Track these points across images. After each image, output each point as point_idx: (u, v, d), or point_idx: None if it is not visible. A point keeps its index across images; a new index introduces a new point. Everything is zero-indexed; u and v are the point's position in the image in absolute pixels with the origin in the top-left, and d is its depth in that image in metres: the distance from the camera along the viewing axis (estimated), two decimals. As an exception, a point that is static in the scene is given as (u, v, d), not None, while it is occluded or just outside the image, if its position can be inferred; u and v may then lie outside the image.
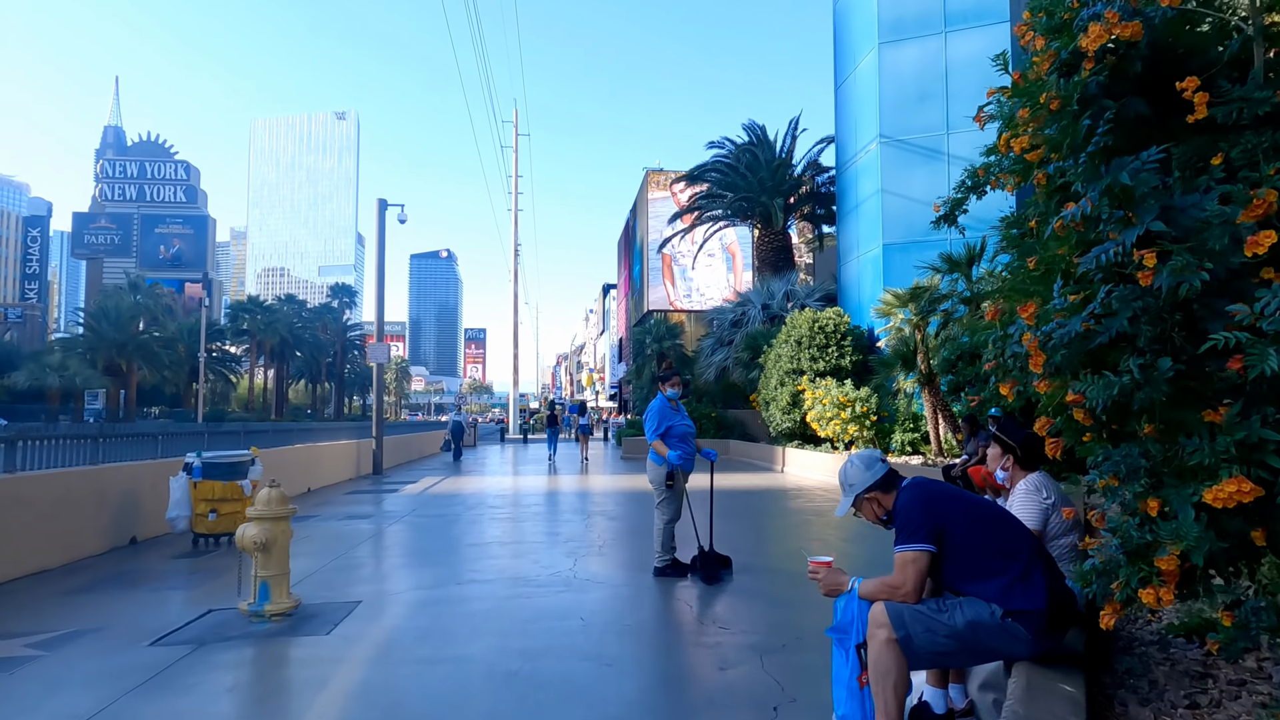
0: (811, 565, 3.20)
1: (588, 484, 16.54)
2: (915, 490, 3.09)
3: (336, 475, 17.00)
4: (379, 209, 19.39)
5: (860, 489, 3.21)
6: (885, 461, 3.25)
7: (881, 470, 3.21)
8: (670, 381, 6.71)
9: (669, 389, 6.68)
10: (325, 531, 9.68)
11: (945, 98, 19.01)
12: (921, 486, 3.11)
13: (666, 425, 6.54)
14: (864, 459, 3.24)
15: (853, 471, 3.24)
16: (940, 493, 3.08)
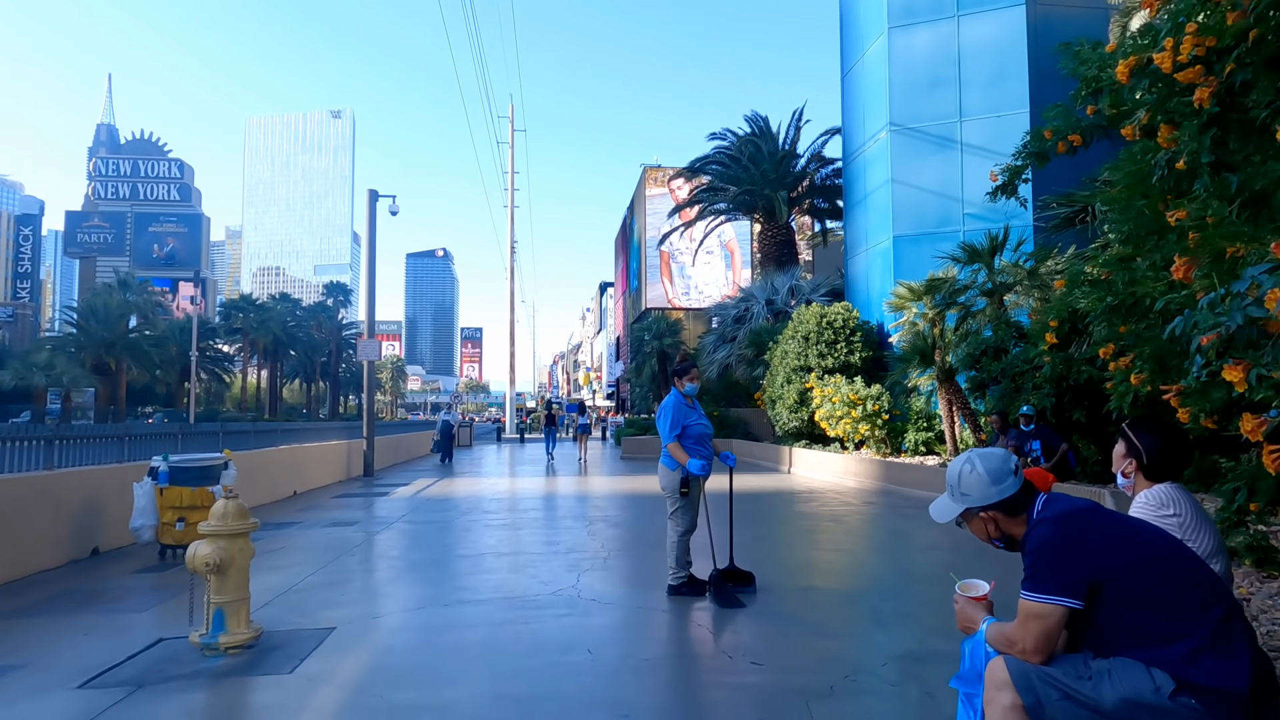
0: (957, 593, 2.57)
1: (587, 486, 15.82)
2: (1062, 526, 2.27)
3: (325, 477, 16.26)
4: (369, 200, 18.64)
5: (978, 505, 2.47)
6: (1018, 474, 2.46)
7: (1012, 487, 2.42)
8: (688, 375, 5.98)
9: (686, 383, 5.95)
10: (307, 541, 8.94)
11: (958, 84, 18.30)
12: (1072, 520, 2.28)
13: (682, 425, 5.81)
14: (991, 467, 2.44)
15: (972, 481, 2.47)
16: (1098, 528, 2.26)
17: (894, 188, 18.74)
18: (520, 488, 15.56)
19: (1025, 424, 9.62)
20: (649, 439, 25.58)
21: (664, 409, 5.86)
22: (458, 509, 11.94)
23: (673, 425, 5.78)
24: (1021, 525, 2.41)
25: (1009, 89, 17.83)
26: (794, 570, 7.12)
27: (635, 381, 29.55)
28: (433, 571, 7.14)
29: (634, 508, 12.03)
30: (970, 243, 13.01)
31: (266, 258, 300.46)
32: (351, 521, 10.59)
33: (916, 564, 7.32)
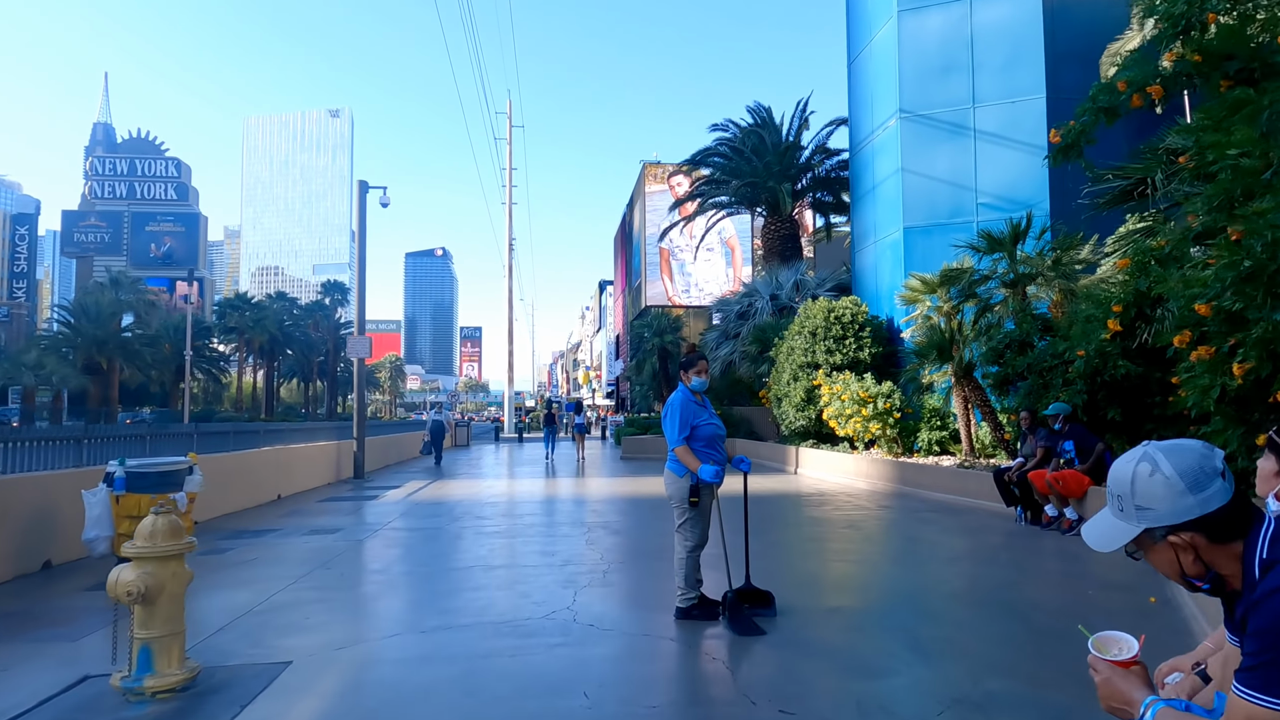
0: (1093, 655, 1.70)
1: (586, 489, 15.13)
2: None
3: (313, 480, 15.57)
4: (359, 191, 17.94)
5: (1168, 524, 1.56)
6: (1228, 478, 1.56)
7: (1220, 497, 1.53)
8: (695, 368, 5.28)
9: (694, 377, 5.25)
10: (282, 551, 8.25)
11: (971, 69, 17.59)
12: None
13: (691, 426, 5.11)
14: (1186, 466, 1.55)
15: (1155, 488, 1.57)
16: None
17: (904, 177, 18.02)
18: (516, 490, 14.86)
19: (1057, 423, 8.91)
20: (649, 439, 24.90)
21: (670, 407, 5.17)
22: (449, 514, 11.25)
23: (681, 426, 5.08)
24: (1233, 560, 1.54)
25: (1024, 73, 17.12)
26: (815, 587, 6.42)
27: (636, 380, 28.84)
28: (415, 588, 6.45)
29: (634, 513, 11.34)
30: (990, 230, 12.29)
31: (265, 257, 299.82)
32: (334, 528, 9.89)
33: (949, 579, 6.61)
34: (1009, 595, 5.84)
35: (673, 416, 5.11)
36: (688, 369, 5.27)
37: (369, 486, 15.78)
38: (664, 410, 5.24)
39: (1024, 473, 9.28)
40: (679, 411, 5.10)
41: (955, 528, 9.34)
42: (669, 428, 5.12)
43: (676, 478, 5.13)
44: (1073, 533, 8.53)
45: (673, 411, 5.12)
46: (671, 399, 5.21)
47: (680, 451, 5.05)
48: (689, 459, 5.01)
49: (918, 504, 11.60)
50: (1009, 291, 12.06)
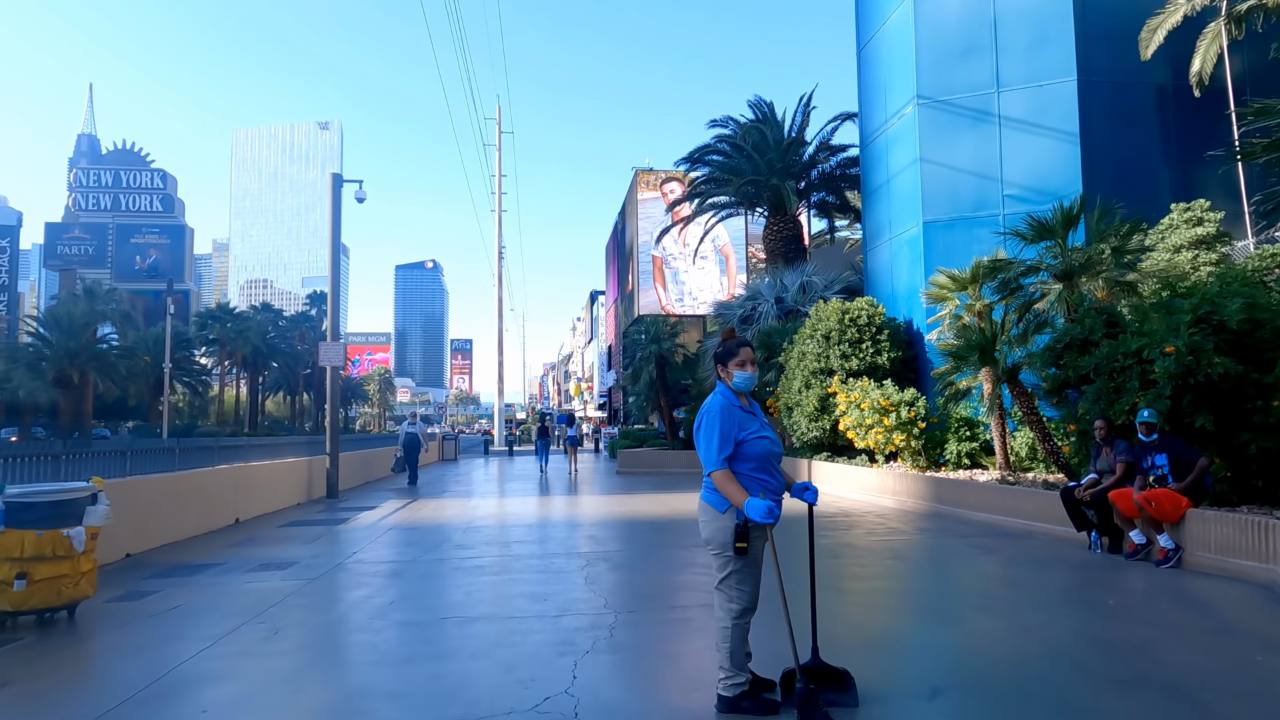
0: None
1: (580, 508, 13.65)
2: None
3: (280, 500, 14.07)
4: (333, 185, 16.50)
5: None
6: None
7: None
8: (737, 359, 3.82)
9: (736, 372, 3.81)
10: (213, 596, 6.75)
11: (994, 51, 16.30)
12: None
13: (735, 440, 3.68)
14: None
15: None
16: None
17: (923, 168, 16.69)
18: (504, 511, 13.38)
19: (1146, 433, 7.50)
20: (646, 452, 23.44)
21: (707, 414, 3.73)
22: (426, 542, 9.76)
23: (721, 441, 3.63)
24: None
25: (1052, 55, 15.84)
26: (892, 652, 4.95)
27: (632, 389, 27.35)
28: (362, 658, 4.96)
29: (637, 539, 9.88)
30: (1036, 216, 10.90)
31: (254, 270, 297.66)
32: (288, 562, 8.40)
33: (1063, 639, 5.14)
34: (1160, 668, 4.40)
35: (709, 428, 3.66)
36: (726, 360, 3.83)
37: (342, 507, 14.27)
38: (698, 418, 3.78)
39: (1101, 491, 7.87)
40: (717, 421, 3.65)
41: (1021, 558, 7.90)
42: (703, 444, 3.68)
43: (715, 514, 3.68)
44: (1169, 564, 7.11)
45: (709, 422, 3.68)
46: (707, 404, 3.75)
47: (720, 478, 3.60)
48: (732, 488, 3.56)
49: (961, 526, 10.17)
50: (1060, 285, 10.67)
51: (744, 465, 3.64)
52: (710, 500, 3.69)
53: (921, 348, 16.62)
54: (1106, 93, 15.81)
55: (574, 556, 8.46)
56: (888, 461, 15.24)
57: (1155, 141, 16.16)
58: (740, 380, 3.77)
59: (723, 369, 3.82)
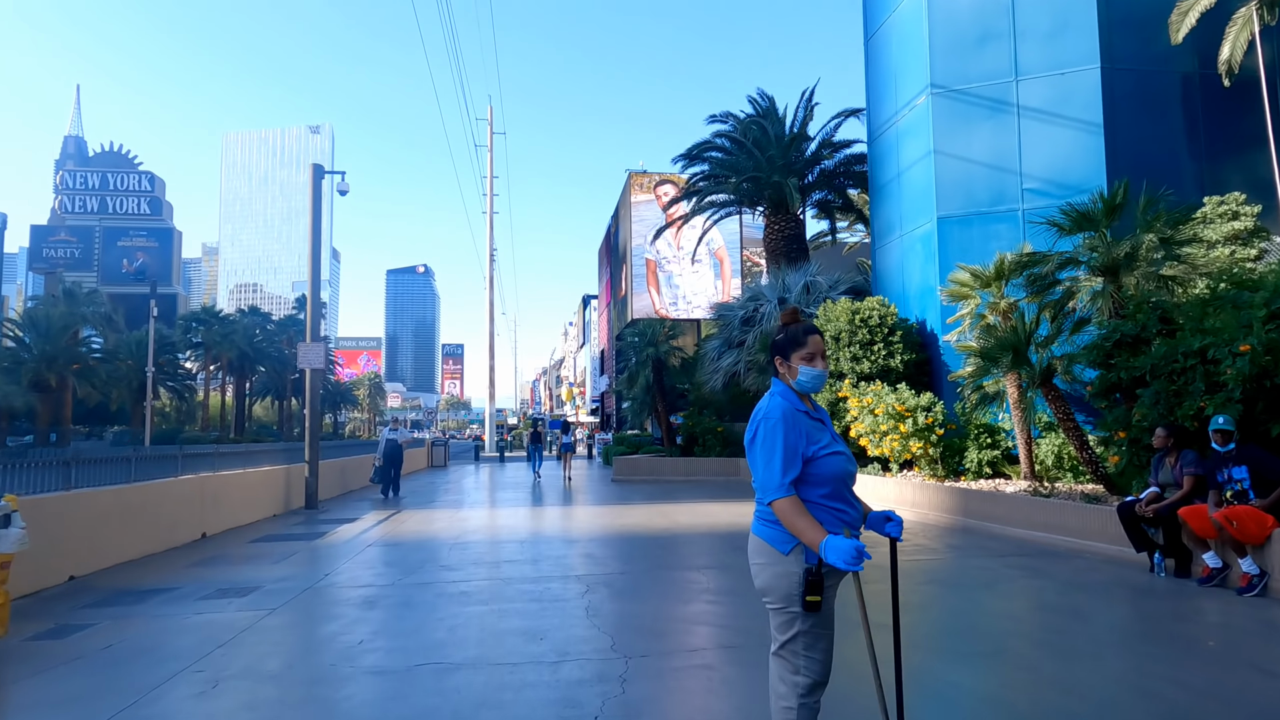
0: None
1: (577, 521, 12.72)
2: None
3: (253, 512, 13.10)
4: (314, 176, 15.56)
5: None
6: None
7: None
8: (803, 350, 2.86)
9: (802, 366, 2.86)
10: (154, 632, 5.80)
11: (1012, 37, 15.47)
12: None
13: (803, 457, 2.76)
14: None
15: None
16: None
17: (937, 160, 15.83)
18: (495, 524, 12.43)
19: (1221, 442, 6.61)
20: (643, 459, 22.50)
21: (765, 422, 2.79)
22: (408, 562, 8.81)
23: (786, 457, 2.70)
24: None
25: (1074, 41, 15.02)
26: (973, 714, 4.04)
27: (627, 393, 26.41)
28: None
29: (640, 558, 8.95)
30: (1075, 204, 10.03)
31: (244, 274, 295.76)
32: (249, 587, 7.44)
33: (1186, 699, 4.25)
34: None
35: (768, 441, 2.74)
36: (788, 351, 2.89)
37: (321, 519, 13.31)
38: (751, 425, 2.86)
39: (1167, 507, 6.98)
40: (780, 432, 2.72)
41: (1077, 582, 7.01)
42: (761, 463, 2.75)
43: (775, 556, 2.74)
44: (1253, 592, 6.22)
45: (768, 433, 2.75)
46: (763, 410, 2.83)
47: (786, 509, 2.67)
48: (803, 523, 2.64)
49: (993, 543, 9.28)
50: (1100, 279, 9.80)
51: (814, 490, 2.72)
52: (768, 537, 2.77)
53: (936, 350, 15.75)
54: (1131, 81, 15.00)
55: (571, 580, 7.53)
56: (902, 470, 14.38)
57: (1181, 133, 15.35)
58: (807, 378, 2.85)
59: (782, 362, 2.90)
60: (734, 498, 15.95)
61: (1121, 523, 7.43)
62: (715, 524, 11.82)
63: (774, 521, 2.74)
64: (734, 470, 21.00)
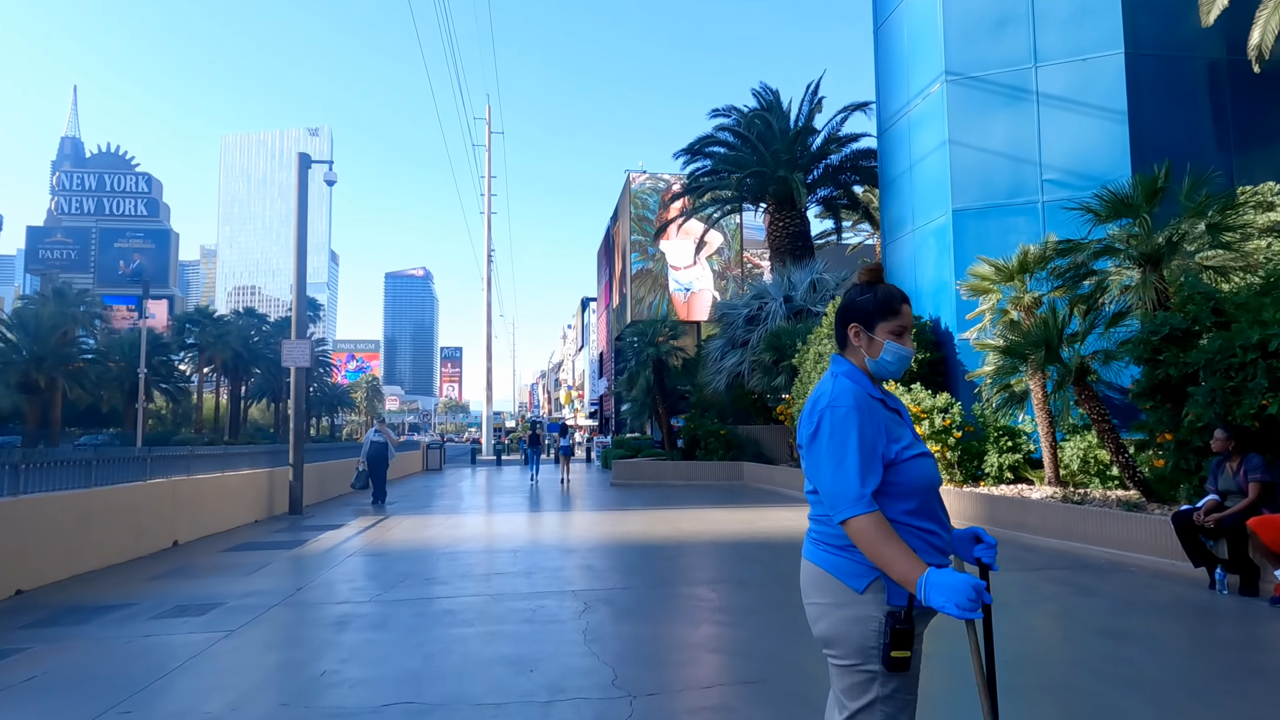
0: None
1: (575, 527, 12.00)
2: None
3: (232, 518, 12.39)
4: (300, 165, 14.87)
5: None
6: None
7: None
8: (892, 321, 2.13)
9: (888, 341, 2.14)
10: (90, 658, 5.08)
11: (1031, 21, 14.80)
12: None
13: (884, 460, 2.02)
14: None
15: None
16: None
17: (952, 150, 15.14)
18: (487, 532, 11.71)
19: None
20: (643, 463, 21.77)
21: (831, 411, 2.03)
22: (390, 574, 8.09)
23: (864, 458, 1.97)
24: None
25: (1097, 25, 14.35)
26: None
27: (627, 395, 25.69)
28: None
29: (642, 570, 8.22)
30: (1113, 188, 9.31)
31: (242, 276, 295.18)
32: (211, 603, 6.72)
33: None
34: None
35: (837, 437, 2.00)
36: (873, 319, 2.15)
37: (305, 525, 12.59)
38: (809, 421, 2.09)
39: (1230, 517, 6.26)
40: (853, 424, 2.00)
41: (1131, 601, 6.29)
42: (828, 465, 2.00)
43: (845, 594, 2.01)
44: (1338, 615, 5.51)
45: (836, 424, 2.01)
46: (828, 396, 2.07)
47: (867, 529, 1.92)
48: (892, 551, 1.90)
49: (1027, 555, 8.56)
50: (1138, 270, 9.09)
51: (895, 506, 2.00)
52: (834, 567, 2.03)
53: (951, 348, 15.04)
54: (1156, 67, 14.32)
55: (568, 596, 6.80)
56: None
57: (1208, 121, 14.67)
58: (894, 358, 2.13)
59: (861, 333, 2.16)
60: (739, 503, 15.24)
61: (1177, 534, 6.71)
62: (721, 532, 11.11)
63: (842, 547, 2.02)
64: (737, 474, 20.28)
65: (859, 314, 2.17)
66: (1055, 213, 14.15)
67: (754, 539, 10.37)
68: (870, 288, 2.19)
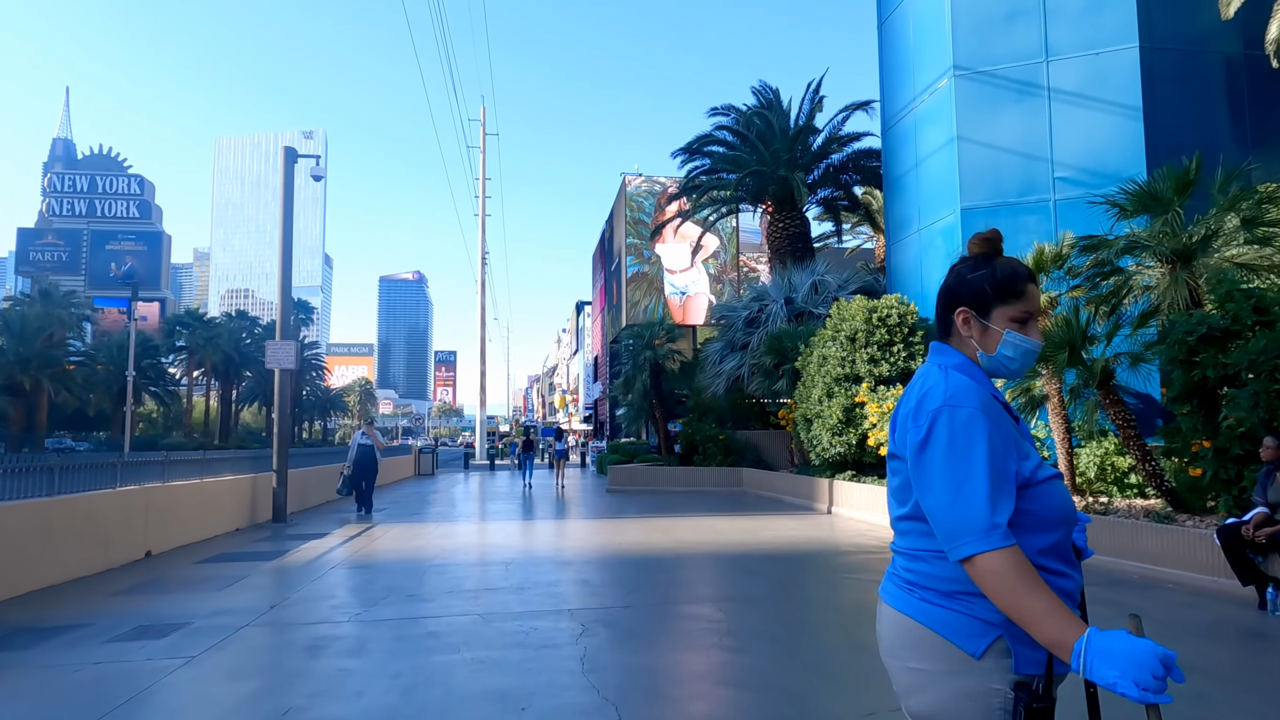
0: None
1: (569, 537, 11.47)
2: None
3: (212, 526, 11.83)
4: (286, 160, 14.32)
5: None
6: None
7: None
8: (1017, 304, 1.61)
9: (1009, 330, 1.62)
10: (22, 695, 4.53)
11: (1042, 15, 14.37)
12: None
13: (1018, 478, 1.49)
14: None
15: None
16: None
17: (960, 147, 14.69)
18: (479, 542, 11.17)
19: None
20: (639, 468, 21.23)
21: (949, 409, 1.50)
22: (372, 590, 7.55)
23: (995, 475, 1.45)
24: None
25: (1110, 18, 13.92)
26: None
27: (623, 399, 25.15)
28: None
29: (642, 585, 7.70)
30: (1140, 182, 8.83)
31: (235, 280, 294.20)
32: (176, 623, 6.17)
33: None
34: None
35: (960, 446, 1.46)
36: (989, 302, 1.62)
37: (288, 534, 12.03)
38: (917, 422, 1.54)
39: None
40: (979, 428, 1.47)
41: (1179, 623, 5.79)
42: (942, 482, 1.47)
43: (959, 658, 1.48)
44: None
45: (957, 428, 1.48)
46: (942, 390, 1.54)
47: (1002, 570, 1.38)
48: (1037, 601, 1.36)
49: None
50: (1165, 267, 8.61)
51: (1028, 542, 1.48)
52: (938, 622, 1.51)
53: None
54: (1172, 62, 13.90)
55: (564, 616, 6.27)
56: (926, 482, 13.17)
57: (1224, 117, 14.26)
58: (1016, 352, 1.62)
59: (972, 319, 1.66)
60: (739, 511, 14.72)
61: (1223, 549, 6.21)
62: (724, 542, 10.58)
63: (953, 595, 1.51)
64: (736, 481, 19.77)
65: (970, 296, 1.67)
66: (1068, 211, 13.72)
67: (757, 550, 9.85)
68: (986, 262, 1.68)
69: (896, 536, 1.66)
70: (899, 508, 1.62)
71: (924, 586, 1.55)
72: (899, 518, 1.63)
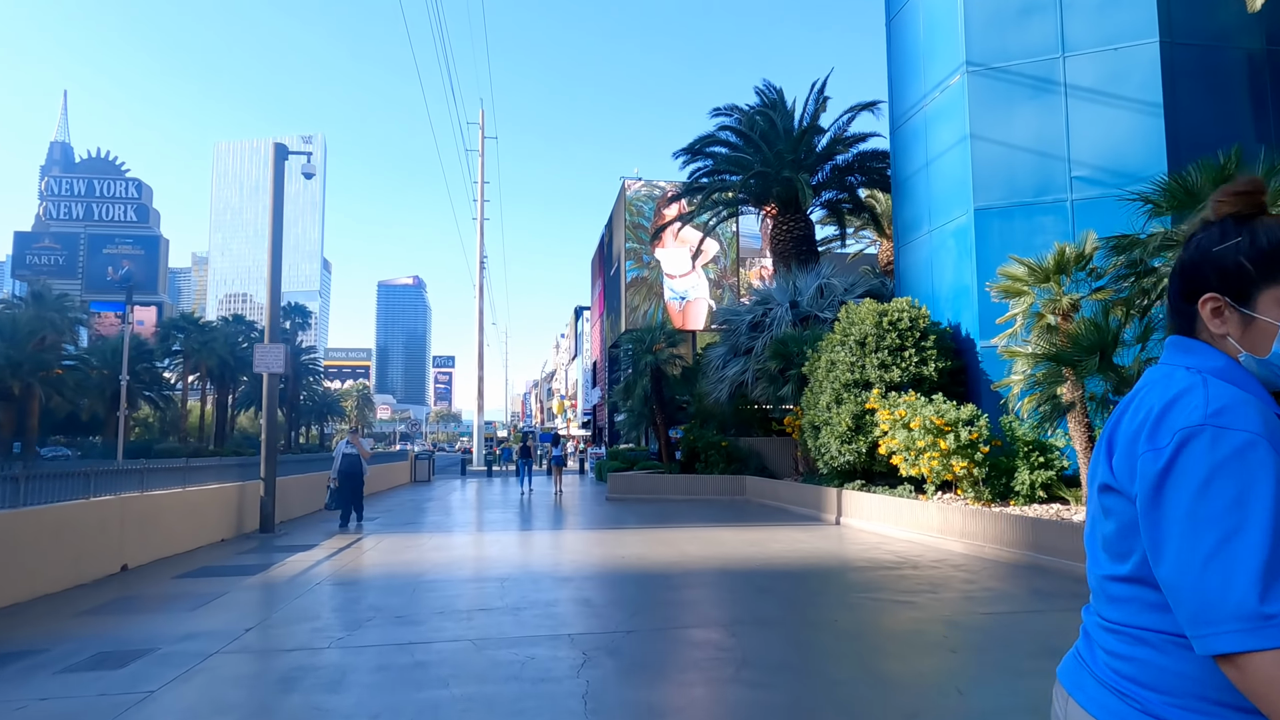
0: None
1: (569, 550, 10.94)
2: None
3: (196, 536, 11.32)
4: (275, 157, 13.87)
5: None
6: None
7: None
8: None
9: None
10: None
11: (1058, 9, 13.90)
12: None
13: None
14: None
15: None
16: None
17: (974, 146, 14.21)
18: (473, 555, 10.65)
19: None
20: (639, 476, 20.70)
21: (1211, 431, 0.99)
22: (356, 610, 7.03)
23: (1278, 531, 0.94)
24: None
25: (1129, 12, 13.45)
26: None
27: (623, 405, 24.64)
28: None
29: (648, 606, 7.18)
30: (1176, 177, 8.35)
31: (234, 284, 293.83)
32: (139, 650, 5.65)
33: None
34: None
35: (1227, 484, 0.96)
36: (1255, 284, 1.11)
37: (274, 546, 11.51)
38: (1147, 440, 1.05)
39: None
40: (1264, 464, 0.97)
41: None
42: (1183, 531, 0.98)
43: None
44: None
45: (1225, 460, 0.97)
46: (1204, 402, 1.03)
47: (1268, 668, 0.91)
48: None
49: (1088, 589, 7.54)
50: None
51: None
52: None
53: (973, 356, 14.08)
54: (1193, 57, 13.43)
55: (563, 643, 5.76)
56: (939, 492, 12.66)
57: (1247, 115, 13.78)
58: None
59: (1227, 309, 1.15)
60: (744, 521, 14.20)
61: None
62: (730, 556, 10.07)
63: (1185, 699, 1.01)
64: (739, 489, 19.24)
65: (1222, 275, 1.15)
66: (1086, 211, 13.25)
67: (767, 565, 9.33)
68: (1241, 225, 1.15)
69: (1104, 603, 1.16)
70: (1114, 563, 1.12)
71: (1139, 683, 1.05)
72: (1113, 577, 1.13)
